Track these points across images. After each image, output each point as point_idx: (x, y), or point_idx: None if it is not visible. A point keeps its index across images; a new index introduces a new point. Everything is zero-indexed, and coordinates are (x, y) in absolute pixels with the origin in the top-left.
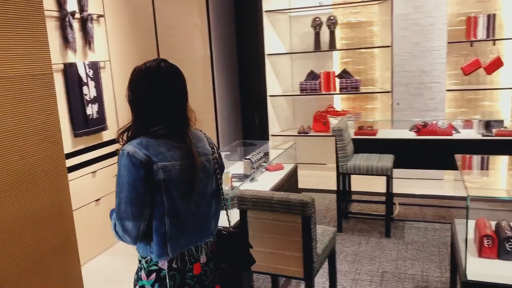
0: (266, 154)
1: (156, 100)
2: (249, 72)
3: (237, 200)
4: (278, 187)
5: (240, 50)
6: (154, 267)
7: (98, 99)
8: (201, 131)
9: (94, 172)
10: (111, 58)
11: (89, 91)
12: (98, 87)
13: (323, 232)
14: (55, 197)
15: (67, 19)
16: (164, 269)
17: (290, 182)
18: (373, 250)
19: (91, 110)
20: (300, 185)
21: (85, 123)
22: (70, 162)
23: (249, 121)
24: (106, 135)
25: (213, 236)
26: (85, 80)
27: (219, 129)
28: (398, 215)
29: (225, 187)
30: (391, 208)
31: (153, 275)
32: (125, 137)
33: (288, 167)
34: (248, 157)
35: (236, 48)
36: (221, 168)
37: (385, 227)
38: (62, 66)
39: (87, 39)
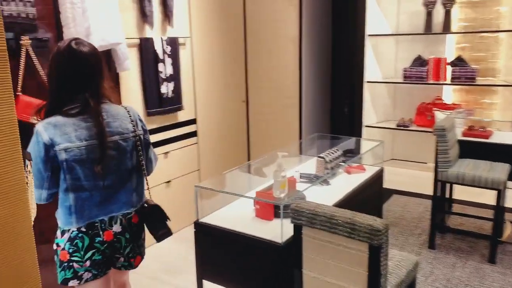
0: (349, 152)
1: (64, 79)
2: (344, 54)
3: (290, 212)
4: (355, 195)
5: (336, 29)
6: (66, 228)
7: (175, 78)
8: (126, 108)
9: (166, 153)
10: (192, 34)
11: (165, 69)
12: (176, 64)
13: (400, 261)
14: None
15: None
16: (75, 231)
17: (372, 188)
18: (470, 278)
19: (166, 88)
20: (392, 186)
21: (159, 102)
22: None
23: (340, 109)
24: (182, 115)
25: (134, 207)
26: (161, 57)
27: (303, 117)
28: (509, 237)
29: (278, 191)
30: (500, 228)
31: (66, 235)
32: (42, 115)
33: (371, 170)
34: (322, 154)
35: (331, 27)
36: (146, 144)
37: (489, 250)
38: (138, 41)
39: (167, 13)
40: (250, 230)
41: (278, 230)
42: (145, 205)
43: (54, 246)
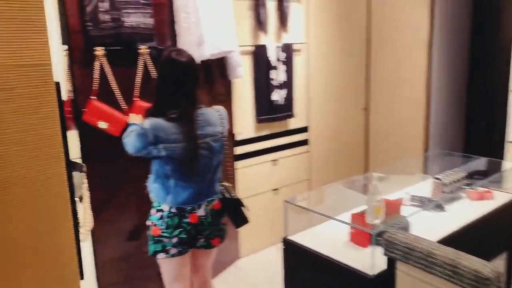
0: (478, 174)
1: (165, 86)
2: (484, 60)
3: (383, 242)
4: (476, 227)
5: (476, 31)
6: (159, 207)
7: (287, 85)
8: (218, 111)
9: (275, 160)
10: (309, 40)
11: (277, 76)
12: (289, 71)
13: None
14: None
15: None
16: (166, 211)
17: (501, 221)
18: None
19: (278, 95)
20: None
21: (269, 109)
22: (250, 148)
23: (476, 122)
24: (293, 123)
25: (217, 195)
26: (274, 64)
27: (431, 129)
28: None
29: (371, 217)
30: None
31: (159, 213)
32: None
33: (503, 197)
34: (440, 175)
35: (470, 29)
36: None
37: None
38: (252, 48)
39: (282, 19)
40: (340, 256)
41: (372, 260)
42: (229, 196)
43: (148, 222)
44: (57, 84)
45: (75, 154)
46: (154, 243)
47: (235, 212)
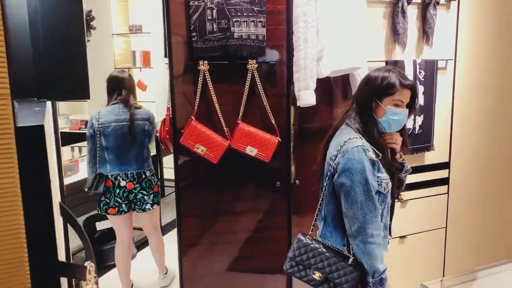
0: None
1: None
2: None
3: None
4: None
5: None
6: None
7: (427, 110)
8: None
9: (405, 201)
10: (457, 55)
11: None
12: (430, 93)
13: None
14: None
15: (399, 4)
16: None
17: None
18: None
19: (413, 123)
20: None
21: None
22: None
23: None
24: (430, 157)
25: None
26: None
27: None
28: None
29: None
30: None
31: None
32: None
33: None
34: None
35: None
36: None
37: None
38: (383, 64)
39: (425, 30)
40: None
41: None
42: None
43: None
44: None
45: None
46: None
47: None
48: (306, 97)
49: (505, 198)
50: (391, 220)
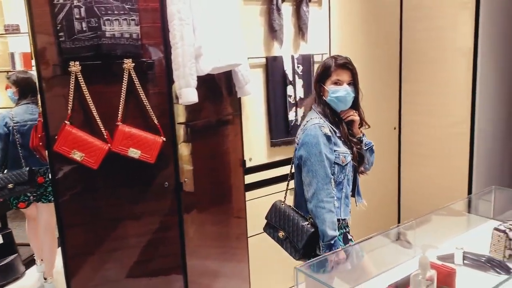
0: None
1: None
2: None
3: None
4: None
5: None
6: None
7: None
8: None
9: (292, 189)
10: (331, 50)
11: (295, 92)
12: (309, 86)
13: None
14: None
15: (274, 1)
16: None
17: None
18: None
19: (295, 115)
20: None
21: (286, 131)
22: (263, 175)
23: None
24: None
25: None
26: (290, 78)
27: (476, 157)
28: None
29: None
30: None
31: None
32: None
33: None
34: (502, 226)
35: None
36: None
37: None
38: (263, 60)
39: (300, 26)
40: None
41: None
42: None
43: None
44: None
45: None
46: None
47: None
48: (188, 95)
49: (383, 180)
50: (356, 191)
